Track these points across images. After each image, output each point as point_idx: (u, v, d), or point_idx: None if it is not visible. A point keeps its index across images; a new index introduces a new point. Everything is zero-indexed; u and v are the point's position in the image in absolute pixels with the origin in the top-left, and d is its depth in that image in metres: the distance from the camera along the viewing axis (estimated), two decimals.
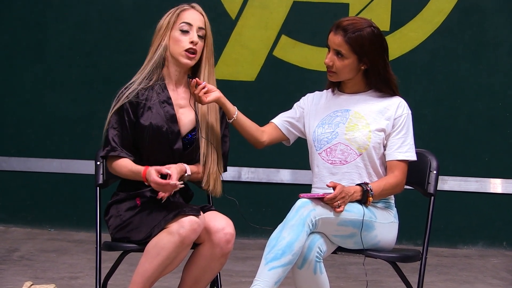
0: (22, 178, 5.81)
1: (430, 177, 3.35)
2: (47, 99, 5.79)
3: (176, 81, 3.26)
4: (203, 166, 3.22)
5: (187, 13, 3.24)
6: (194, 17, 3.23)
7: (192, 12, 3.24)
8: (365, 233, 3.14)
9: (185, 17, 3.22)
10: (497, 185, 5.74)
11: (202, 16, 3.25)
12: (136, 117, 3.18)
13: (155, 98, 3.20)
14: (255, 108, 5.58)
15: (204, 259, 3.12)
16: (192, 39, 3.19)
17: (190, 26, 3.21)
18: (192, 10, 3.25)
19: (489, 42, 5.73)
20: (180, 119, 3.22)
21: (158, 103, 3.20)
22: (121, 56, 5.71)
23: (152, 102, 3.20)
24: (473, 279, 4.88)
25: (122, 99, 3.17)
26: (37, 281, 4.25)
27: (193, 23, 3.22)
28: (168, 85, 3.25)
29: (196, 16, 3.24)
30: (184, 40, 3.20)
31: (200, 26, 3.22)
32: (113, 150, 3.17)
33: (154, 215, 3.08)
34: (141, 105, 3.18)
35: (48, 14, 5.77)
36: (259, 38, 5.74)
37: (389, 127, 3.27)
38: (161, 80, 3.23)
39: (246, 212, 5.54)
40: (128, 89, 3.20)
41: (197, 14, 3.24)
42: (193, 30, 3.21)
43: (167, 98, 3.22)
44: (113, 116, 3.18)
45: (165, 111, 3.20)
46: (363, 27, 3.22)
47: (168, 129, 3.18)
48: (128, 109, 3.17)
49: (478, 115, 5.75)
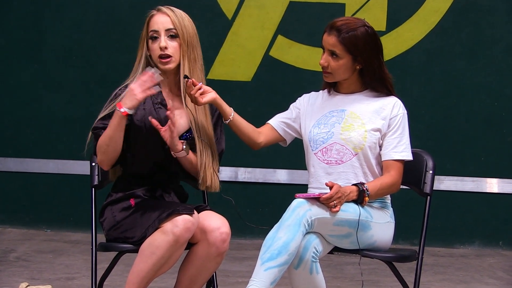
0: (18, 178, 5.80)
1: (426, 177, 3.35)
2: (44, 100, 5.79)
3: (169, 83, 3.26)
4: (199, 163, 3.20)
5: (153, 19, 3.20)
6: (160, 21, 3.19)
7: (158, 17, 3.20)
8: (361, 233, 3.15)
9: (152, 24, 3.20)
10: (493, 185, 5.74)
11: (169, 17, 3.19)
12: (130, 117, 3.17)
13: (149, 100, 3.20)
14: (251, 108, 5.58)
15: (200, 258, 3.12)
16: (160, 45, 3.17)
17: (157, 32, 3.18)
18: (157, 15, 3.21)
19: (485, 42, 5.73)
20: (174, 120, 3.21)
21: (152, 105, 3.20)
22: (118, 57, 5.71)
23: (146, 104, 3.19)
24: (469, 279, 4.88)
25: (116, 102, 3.16)
26: (33, 282, 4.25)
27: (159, 27, 3.18)
28: (162, 88, 3.24)
29: (163, 19, 3.19)
30: (155, 47, 3.18)
31: (167, 28, 3.18)
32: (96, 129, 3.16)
33: (148, 215, 3.08)
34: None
35: (45, 14, 5.77)
36: (256, 38, 5.74)
37: (385, 126, 3.27)
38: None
39: (242, 212, 5.55)
40: (122, 91, 3.19)
41: (163, 16, 3.20)
42: (161, 35, 3.18)
43: (162, 100, 3.22)
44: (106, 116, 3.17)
45: (159, 113, 3.20)
46: (357, 26, 3.22)
47: None
48: None
49: (475, 115, 5.75)
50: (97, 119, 3.21)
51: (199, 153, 3.20)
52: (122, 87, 3.22)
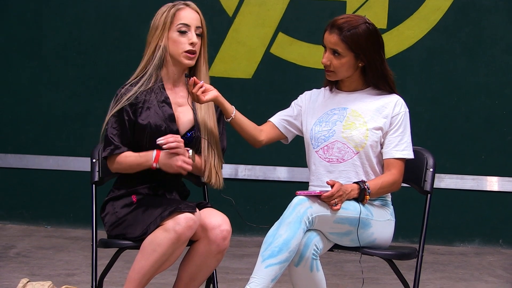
0: (18, 175, 5.81)
1: (426, 175, 3.35)
2: (43, 97, 5.79)
3: (174, 80, 3.25)
4: (204, 161, 3.21)
5: (183, 12, 3.20)
6: (191, 17, 3.20)
7: (189, 11, 3.21)
8: (362, 230, 3.15)
9: (181, 17, 3.19)
10: (493, 183, 5.74)
11: (198, 14, 3.22)
12: (135, 117, 3.17)
13: (154, 99, 3.20)
14: (252, 106, 5.58)
15: (200, 256, 3.12)
16: (191, 40, 3.18)
17: (188, 27, 3.19)
18: (188, 9, 3.21)
19: (486, 40, 5.73)
20: (179, 118, 3.22)
21: (157, 103, 3.20)
22: (118, 54, 5.71)
23: (151, 103, 3.19)
24: (469, 277, 4.89)
25: (123, 101, 3.16)
26: (33, 278, 4.25)
27: (191, 23, 3.19)
28: (166, 84, 3.24)
29: (193, 15, 3.21)
30: (183, 41, 3.18)
31: (197, 25, 3.20)
32: (117, 148, 3.16)
33: (150, 212, 3.08)
34: (139, 105, 3.18)
35: (44, 12, 5.77)
36: (256, 35, 5.74)
37: (387, 125, 3.27)
38: (160, 81, 3.22)
39: (242, 210, 5.56)
40: (127, 90, 3.18)
41: (193, 13, 3.22)
42: (191, 31, 3.19)
43: (165, 98, 3.21)
44: (112, 117, 3.18)
45: (164, 110, 3.19)
46: (358, 24, 3.22)
47: (166, 128, 3.18)
48: (127, 109, 3.17)
49: (475, 113, 5.75)
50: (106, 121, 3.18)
51: (203, 153, 3.20)
52: (127, 85, 3.20)
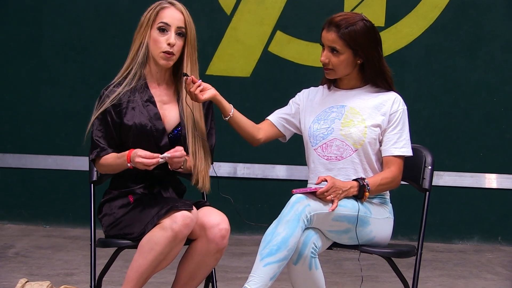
0: (17, 174, 5.80)
1: (425, 173, 3.35)
2: (43, 95, 5.79)
3: (158, 78, 3.24)
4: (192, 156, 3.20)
5: (166, 11, 3.17)
6: (173, 16, 3.16)
7: (171, 11, 3.17)
8: (360, 228, 3.15)
9: (164, 16, 3.16)
10: (492, 180, 5.74)
11: (182, 14, 3.18)
12: (119, 118, 3.16)
13: (138, 99, 3.18)
14: (250, 104, 5.58)
15: (199, 254, 3.12)
16: (169, 41, 3.15)
17: (168, 26, 3.15)
18: (171, 9, 3.18)
19: (485, 38, 5.73)
20: (164, 115, 3.21)
21: (141, 103, 3.18)
22: (117, 52, 5.70)
23: (135, 103, 3.18)
24: (468, 274, 4.89)
25: (106, 103, 3.16)
26: (32, 278, 4.25)
27: (172, 23, 3.15)
28: (150, 83, 3.23)
29: (176, 15, 3.17)
30: (162, 40, 3.15)
31: (179, 25, 3.16)
32: (103, 151, 3.16)
33: (147, 211, 3.08)
34: (123, 105, 3.17)
35: (44, 10, 5.77)
36: (254, 33, 5.74)
37: (385, 122, 3.27)
38: (143, 79, 3.21)
39: (241, 208, 5.56)
40: (111, 92, 3.18)
41: (176, 12, 3.18)
42: (171, 30, 3.15)
43: (149, 97, 3.20)
44: (96, 119, 3.18)
45: (148, 110, 3.18)
46: (355, 21, 3.22)
47: (152, 127, 3.17)
48: (111, 110, 3.16)
49: (474, 111, 5.75)
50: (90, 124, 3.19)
51: (191, 156, 3.19)
52: (111, 87, 3.20)
